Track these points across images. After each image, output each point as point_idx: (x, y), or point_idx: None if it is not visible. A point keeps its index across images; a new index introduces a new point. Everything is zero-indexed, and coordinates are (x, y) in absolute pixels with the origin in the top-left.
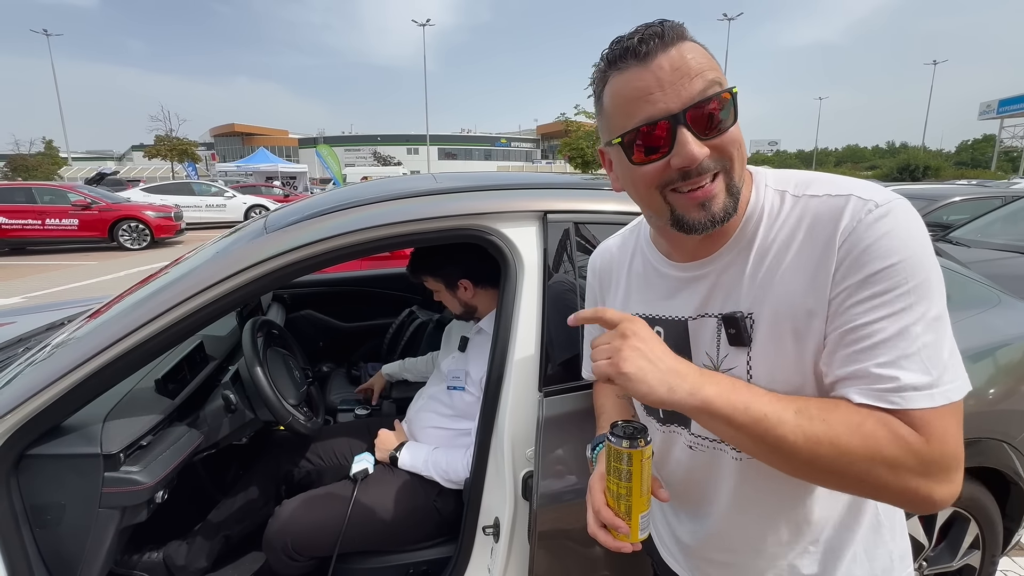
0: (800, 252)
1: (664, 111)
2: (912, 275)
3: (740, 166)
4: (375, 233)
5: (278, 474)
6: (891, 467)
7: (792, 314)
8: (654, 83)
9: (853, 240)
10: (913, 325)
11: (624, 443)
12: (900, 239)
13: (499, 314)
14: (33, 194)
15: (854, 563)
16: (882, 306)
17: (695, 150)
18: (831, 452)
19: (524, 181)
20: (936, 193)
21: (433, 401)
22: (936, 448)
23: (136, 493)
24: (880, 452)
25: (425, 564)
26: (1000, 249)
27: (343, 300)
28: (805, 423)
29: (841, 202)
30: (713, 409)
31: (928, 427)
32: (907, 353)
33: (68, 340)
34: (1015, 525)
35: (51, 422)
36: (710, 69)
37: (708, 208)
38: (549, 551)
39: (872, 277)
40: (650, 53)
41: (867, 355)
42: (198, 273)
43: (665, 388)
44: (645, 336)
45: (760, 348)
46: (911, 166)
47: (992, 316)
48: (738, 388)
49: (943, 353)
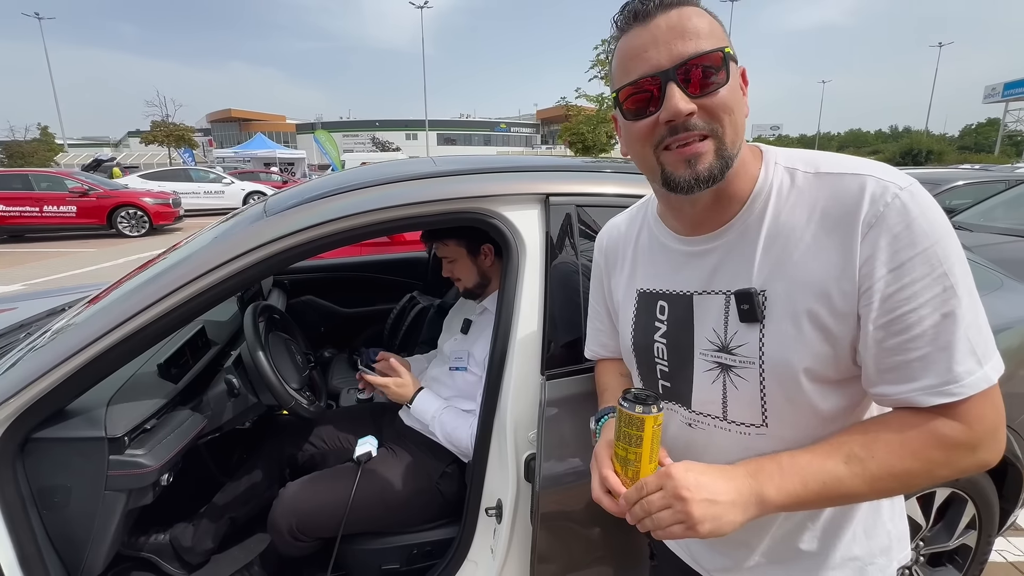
0: (819, 234)
1: (655, 67)
2: (946, 258)
3: (732, 132)
4: (376, 216)
5: (282, 457)
6: (945, 464)
7: (809, 296)
8: (650, 41)
9: (882, 228)
10: (955, 310)
11: (637, 408)
12: (929, 222)
13: (501, 297)
14: (30, 181)
15: (853, 542)
16: (923, 291)
17: (680, 104)
18: (893, 481)
19: (526, 164)
20: (939, 177)
21: (435, 383)
22: (978, 431)
23: (141, 476)
24: (932, 460)
25: (429, 545)
26: (1003, 233)
27: (344, 286)
28: (859, 470)
29: (858, 183)
30: (780, 507)
31: (968, 414)
32: (950, 341)
33: (70, 324)
34: (1011, 506)
35: (55, 406)
36: (709, 33)
37: (693, 166)
38: (551, 532)
39: (907, 264)
40: (650, 13)
41: (910, 347)
42: (199, 257)
43: (740, 518)
44: (693, 483)
45: (774, 326)
46: (914, 150)
47: (994, 300)
48: (786, 472)
49: (983, 334)
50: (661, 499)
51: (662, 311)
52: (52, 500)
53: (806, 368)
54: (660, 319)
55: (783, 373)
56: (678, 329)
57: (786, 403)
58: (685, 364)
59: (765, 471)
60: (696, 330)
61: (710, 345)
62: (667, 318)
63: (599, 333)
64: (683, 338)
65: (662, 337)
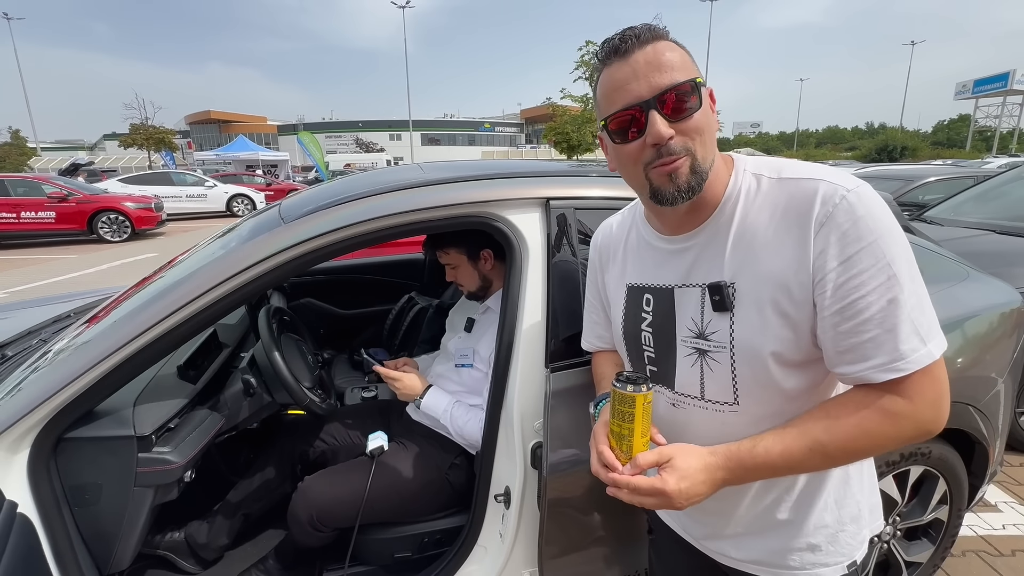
0: (777, 231)
1: (638, 97)
2: (888, 249)
3: (703, 150)
4: (388, 221)
5: (294, 454)
6: (894, 437)
7: (771, 287)
8: (631, 74)
9: (831, 226)
10: (898, 296)
11: (628, 387)
12: (873, 219)
13: (506, 296)
14: (6, 186)
15: (825, 511)
16: (869, 280)
17: (663, 129)
18: (846, 457)
19: (527, 169)
20: (912, 174)
21: (441, 379)
22: (921, 405)
23: (168, 472)
24: (883, 434)
25: (439, 533)
26: (971, 227)
27: (342, 288)
28: (819, 454)
29: (812, 187)
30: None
31: (914, 389)
32: (896, 323)
33: (98, 330)
34: (979, 482)
35: (86, 407)
36: (681, 65)
37: (675, 180)
38: (558, 516)
39: (854, 257)
40: (629, 50)
41: (859, 331)
42: (221, 262)
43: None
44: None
45: (742, 314)
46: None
47: (961, 290)
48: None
49: (926, 314)
50: (654, 495)
51: (648, 303)
52: (83, 497)
53: (771, 351)
54: (646, 310)
55: (750, 356)
56: (662, 319)
57: (754, 383)
58: (669, 350)
59: (737, 470)
60: (678, 319)
61: (689, 332)
62: (652, 309)
63: (595, 326)
64: (667, 327)
65: (648, 327)
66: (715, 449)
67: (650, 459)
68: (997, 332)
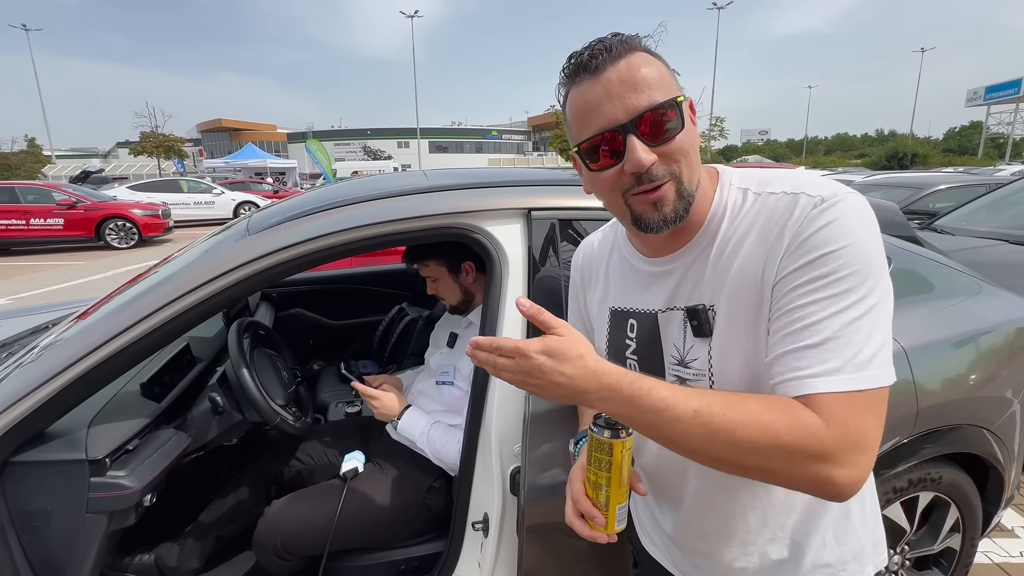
0: (753, 246)
1: (613, 121)
2: (852, 262)
3: (688, 172)
4: (359, 233)
5: (268, 474)
6: (787, 455)
7: (744, 303)
8: (604, 95)
9: (798, 231)
10: (844, 311)
11: (606, 433)
12: (843, 228)
13: (485, 311)
14: (16, 194)
15: (823, 548)
16: (817, 291)
17: (643, 156)
18: (726, 449)
19: (508, 178)
20: (922, 181)
21: (422, 397)
22: (835, 432)
23: (123, 497)
24: (777, 441)
25: (416, 560)
26: (983, 236)
27: (332, 298)
28: (702, 421)
29: (792, 199)
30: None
31: (828, 411)
32: (830, 337)
33: (50, 345)
34: (994, 508)
35: (35, 428)
36: (658, 80)
37: (660, 209)
38: (537, 545)
39: (812, 263)
40: (600, 67)
41: (791, 339)
42: (180, 276)
43: (569, 401)
44: (535, 369)
45: (719, 338)
46: (899, 154)
47: (973, 304)
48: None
49: (870, 341)
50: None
51: (632, 328)
52: (31, 524)
53: (749, 377)
54: (630, 336)
55: (729, 384)
56: (647, 347)
57: None
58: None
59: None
60: (663, 346)
61: (672, 360)
62: (636, 336)
63: None
64: (653, 354)
65: (633, 354)
66: (606, 362)
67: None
68: (1012, 349)
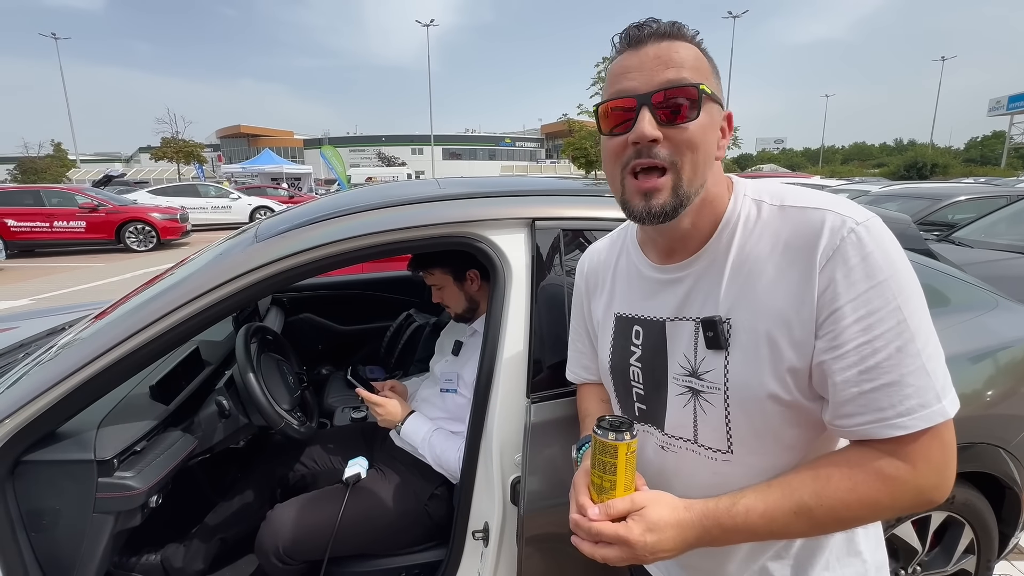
0: (781, 265)
1: (632, 90)
2: (900, 291)
3: (691, 171)
4: (364, 241)
5: (273, 478)
6: (889, 506)
7: (770, 323)
8: (636, 65)
9: (838, 260)
10: (911, 342)
11: (610, 435)
12: (884, 257)
13: (488, 320)
14: (41, 197)
15: (826, 570)
16: (878, 324)
17: (647, 129)
18: (836, 525)
19: (513, 188)
20: (941, 192)
21: (426, 404)
22: (924, 470)
23: (130, 498)
24: (878, 504)
25: (416, 568)
26: (1003, 250)
27: (341, 303)
28: (805, 519)
29: (819, 217)
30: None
31: (916, 451)
32: (906, 372)
33: (64, 347)
34: (1011, 529)
35: (46, 428)
36: (693, 67)
37: (648, 200)
38: (537, 555)
39: (862, 296)
40: (643, 40)
41: (864, 378)
42: (190, 282)
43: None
44: (648, 551)
45: (738, 354)
46: (919, 163)
47: (989, 319)
48: (738, 529)
49: (938, 369)
50: (619, 547)
51: (637, 336)
52: (40, 522)
53: (769, 394)
54: (636, 343)
55: (746, 399)
56: (652, 354)
57: (749, 430)
58: (660, 388)
59: (713, 530)
60: (669, 355)
61: (681, 370)
62: (642, 343)
63: (581, 356)
64: (657, 363)
65: (637, 361)
66: (691, 504)
67: (621, 507)
68: None
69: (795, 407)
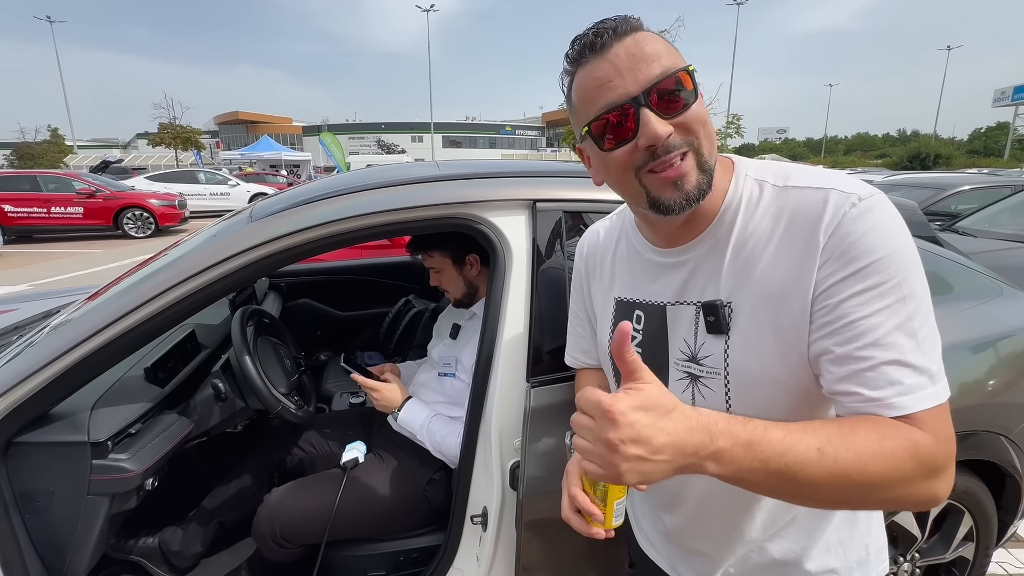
0: (781, 244)
1: (625, 95)
2: (901, 268)
3: (708, 143)
4: (363, 222)
5: (271, 462)
6: (909, 480)
7: (772, 305)
8: (612, 71)
9: (839, 235)
10: (910, 319)
11: None
12: (886, 233)
13: (488, 303)
14: (38, 182)
15: (827, 553)
16: (877, 299)
17: (659, 128)
18: (853, 486)
19: (514, 169)
20: (945, 182)
21: (424, 388)
22: (944, 448)
23: (124, 480)
24: (902, 468)
25: (415, 552)
26: (1007, 239)
27: (340, 289)
28: (830, 461)
29: (822, 195)
30: (720, 478)
31: (935, 426)
32: (909, 348)
33: (55, 328)
34: (1010, 517)
35: (38, 410)
36: (667, 54)
37: (681, 187)
38: (536, 540)
39: (863, 270)
40: (606, 44)
41: (869, 353)
42: (184, 261)
43: (673, 472)
44: (630, 436)
45: (739, 337)
46: (922, 154)
47: (994, 307)
48: (753, 450)
49: (937, 348)
50: (594, 438)
51: (638, 320)
52: (34, 504)
53: (770, 377)
54: (637, 328)
55: (747, 382)
56: (653, 339)
57: (751, 414)
58: (660, 373)
59: (728, 448)
60: (670, 340)
61: (681, 355)
62: (643, 327)
63: (580, 340)
64: (658, 347)
65: (638, 346)
66: (700, 408)
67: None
68: None
69: (797, 390)
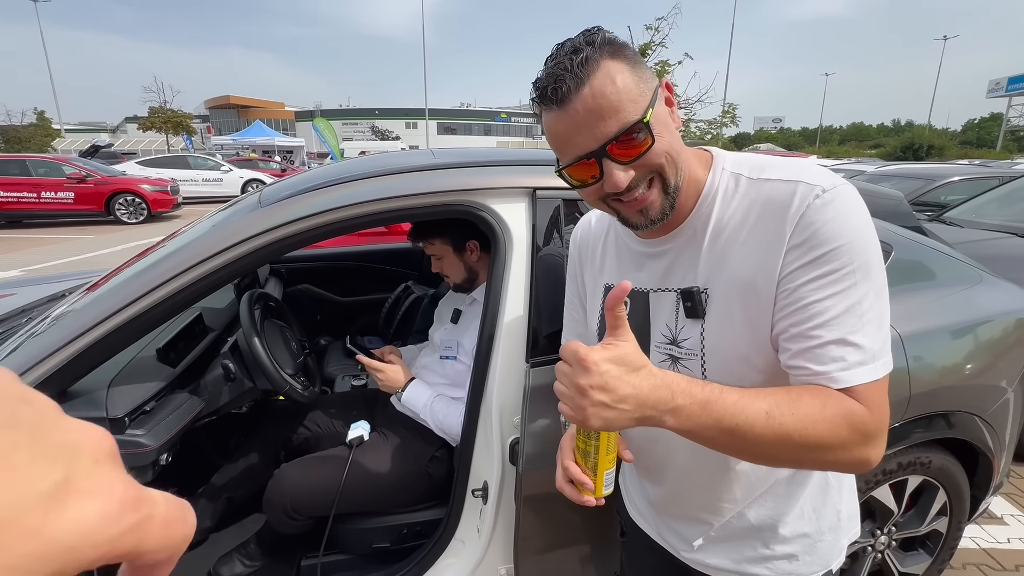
0: (753, 233)
1: (585, 150)
2: (857, 255)
3: (672, 168)
4: (367, 208)
5: (277, 440)
6: (845, 444)
7: (741, 290)
8: (573, 128)
9: (803, 224)
10: (859, 303)
11: None
12: (846, 222)
13: (489, 287)
14: (27, 166)
15: (801, 519)
16: (831, 284)
17: (619, 177)
18: (794, 448)
19: (515, 158)
20: (934, 173)
21: (425, 371)
22: (877, 418)
23: (141, 455)
24: (840, 434)
25: (418, 525)
26: (992, 229)
27: (340, 275)
28: (776, 424)
29: (791, 187)
30: (676, 431)
31: (871, 398)
32: (854, 329)
33: (71, 310)
34: (982, 493)
35: (57, 387)
36: (626, 99)
37: (647, 213)
38: (533, 512)
39: (821, 258)
40: (565, 97)
41: (818, 332)
42: (195, 246)
43: (633, 423)
44: (598, 383)
45: (712, 320)
46: (915, 145)
47: (973, 294)
48: (708, 410)
49: (882, 328)
50: (569, 383)
51: (625, 305)
52: None
53: (740, 356)
54: None
55: (720, 363)
56: (638, 323)
57: None
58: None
59: (686, 405)
60: (652, 324)
61: (663, 338)
62: (629, 313)
63: (575, 324)
64: (642, 331)
65: None
66: (667, 371)
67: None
68: (1010, 339)
69: (766, 368)
